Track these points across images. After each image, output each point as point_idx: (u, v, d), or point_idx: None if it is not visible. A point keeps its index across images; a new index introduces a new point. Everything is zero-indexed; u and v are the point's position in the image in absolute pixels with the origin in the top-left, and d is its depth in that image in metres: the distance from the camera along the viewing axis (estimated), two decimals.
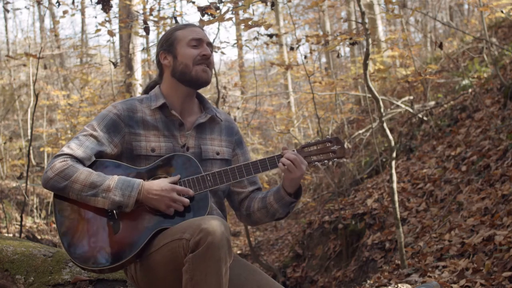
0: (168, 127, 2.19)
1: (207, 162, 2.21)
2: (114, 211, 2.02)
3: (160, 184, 2.02)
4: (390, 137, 4.10)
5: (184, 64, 2.18)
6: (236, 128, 2.38)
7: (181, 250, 1.86)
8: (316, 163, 2.18)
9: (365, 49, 4.11)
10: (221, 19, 3.84)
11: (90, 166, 2.10)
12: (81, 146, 2.09)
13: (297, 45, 5.36)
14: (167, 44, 2.23)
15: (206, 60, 2.19)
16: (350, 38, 4.63)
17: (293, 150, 2.16)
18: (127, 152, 2.15)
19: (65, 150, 2.08)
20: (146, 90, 2.35)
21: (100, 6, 4.13)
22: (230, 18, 3.98)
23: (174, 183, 2.06)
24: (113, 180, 2.01)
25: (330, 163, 2.20)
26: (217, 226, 1.82)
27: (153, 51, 16.77)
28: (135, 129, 2.15)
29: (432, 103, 8.14)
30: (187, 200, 2.03)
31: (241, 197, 2.31)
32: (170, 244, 1.91)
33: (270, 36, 5.14)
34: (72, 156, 2.06)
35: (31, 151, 6.50)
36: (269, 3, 4.01)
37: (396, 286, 3.28)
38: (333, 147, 2.19)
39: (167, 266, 1.94)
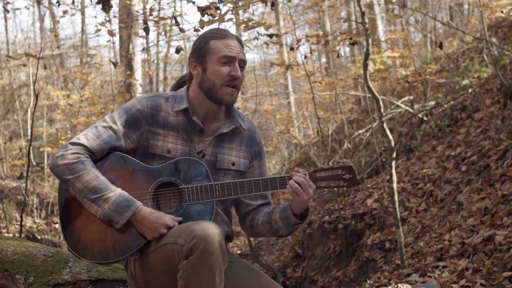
0: (187, 131, 2.16)
1: (221, 172, 2.19)
2: None
3: (157, 216, 2.00)
4: (390, 137, 4.10)
5: (211, 81, 2.12)
6: (258, 138, 2.33)
7: (175, 254, 1.86)
8: (326, 189, 2.17)
9: (365, 49, 4.11)
10: (222, 20, 3.84)
11: (104, 157, 2.10)
12: (98, 138, 2.08)
13: (297, 45, 5.36)
14: (199, 53, 2.15)
15: (234, 81, 2.12)
16: (350, 38, 4.63)
17: (305, 174, 2.14)
18: (142, 149, 2.14)
19: (81, 139, 2.07)
20: (175, 87, 2.32)
21: (100, 6, 4.13)
22: (231, 19, 3.98)
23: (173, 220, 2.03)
24: (114, 192, 2.00)
25: (340, 191, 2.20)
26: (211, 232, 1.81)
27: (153, 51, 16.77)
28: (155, 128, 2.13)
29: (432, 103, 8.14)
30: None
31: (249, 209, 2.30)
32: (165, 247, 1.92)
33: (270, 36, 5.14)
34: (86, 148, 2.05)
35: (31, 151, 6.50)
36: (269, 3, 4.01)
37: (396, 286, 3.28)
38: (345, 176, 2.18)
39: (163, 267, 1.95)
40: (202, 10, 3.85)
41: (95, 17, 16.91)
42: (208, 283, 1.80)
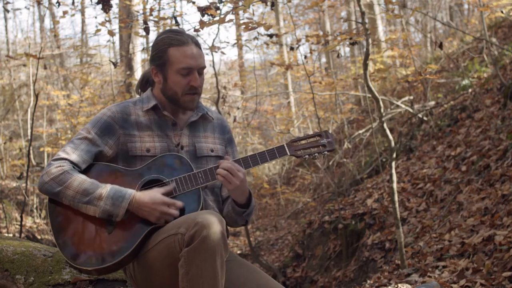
0: (161, 127, 2.21)
1: (202, 159, 2.24)
2: None
3: (151, 196, 2.03)
4: (390, 137, 4.10)
5: (173, 90, 2.17)
6: (228, 126, 2.42)
7: (176, 245, 1.88)
8: (307, 156, 2.19)
9: (365, 49, 4.11)
10: (222, 21, 3.85)
11: (86, 169, 2.13)
12: (76, 149, 2.12)
13: (297, 45, 5.36)
14: (159, 62, 2.19)
15: (195, 90, 2.17)
16: (350, 38, 4.63)
17: (238, 160, 2.14)
18: (122, 154, 2.17)
19: (61, 154, 2.11)
20: (140, 85, 2.37)
21: (100, 6, 4.13)
22: (231, 20, 3.98)
23: (168, 193, 2.07)
24: (105, 188, 2.03)
25: (321, 156, 2.22)
26: (212, 220, 1.84)
27: None
28: (130, 131, 2.17)
29: (432, 103, 8.14)
30: (176, 213, 2.04)
31: (223, 199, 2.33)
32: (166, 240, 1.93)
33: (270, 36, 5.14)
34: (68, 161, 2.09)
35: (31, 151, 6.50)
36: (269, 3, 4.01)
37: (396, 286, 3.28)
38: (323, 141, 2.22)
39: (164, 262, 1.96)
40: (202, 10, 3.85)
41: (95, 17, 16.93)
42: (209, 271, 1.81)
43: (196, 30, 4.10)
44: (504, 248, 3.57)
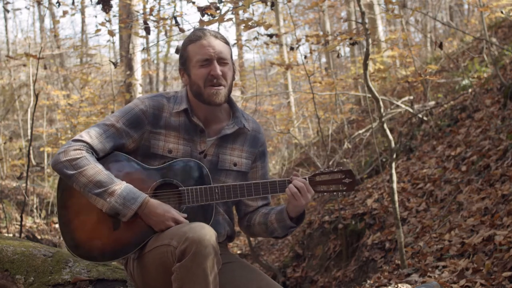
0: (188, 132, 2.17)
1: (222, 172, 2.19)
2: None
3: (164, 209, 2.01)
4: (390, 137, 4.10)
5: (196, 85, 2.14)
6: (262, 139, 2.33)
7: (169, 255, 1.87)
8: (325, 193, 2.19)
9: (365, 49, 4.10)
10: (221, 20, 3.84)
11: (104, 157, 2.10)
12: (101, 136, 2.09)
13: (297, 45, 5.36)
14: (183, 61, 2.19)
15: (216, 80, 2.12)
16: (350, 38, 4.63)
17: (305, 178, 2.14)
18: (144, 149, 2.15)
19: (84, 136, 2.08)
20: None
21: (100, 6, 4.13)
22: (230, 19, 3.98)
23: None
24: (119, 186, 2.00)
25: (339, 194, 2.23)
26: (203, 234, 1.82)
27: (153, 51, 16.76)
28: (157, 128, 2.15)
29: (432, 103, 8.14)
30: None
31: (249, 210, 2.30)
32: (160, 249, 1.93)
33: (270, 36, 5.14)
34: (88, 145, 2.06)
35: (31, 151, 6.50)
36: (269, 3, 4.01)
37: (396, 286, 3.28)
38: (345, 180, 2.18)
39: (158, 268, 1.96)
40: (202, 10, 3.85)
41: (95, 17, 16.94)
42: (201, 286, 1.81)
43: None
44: (504, 248, 3.57)
